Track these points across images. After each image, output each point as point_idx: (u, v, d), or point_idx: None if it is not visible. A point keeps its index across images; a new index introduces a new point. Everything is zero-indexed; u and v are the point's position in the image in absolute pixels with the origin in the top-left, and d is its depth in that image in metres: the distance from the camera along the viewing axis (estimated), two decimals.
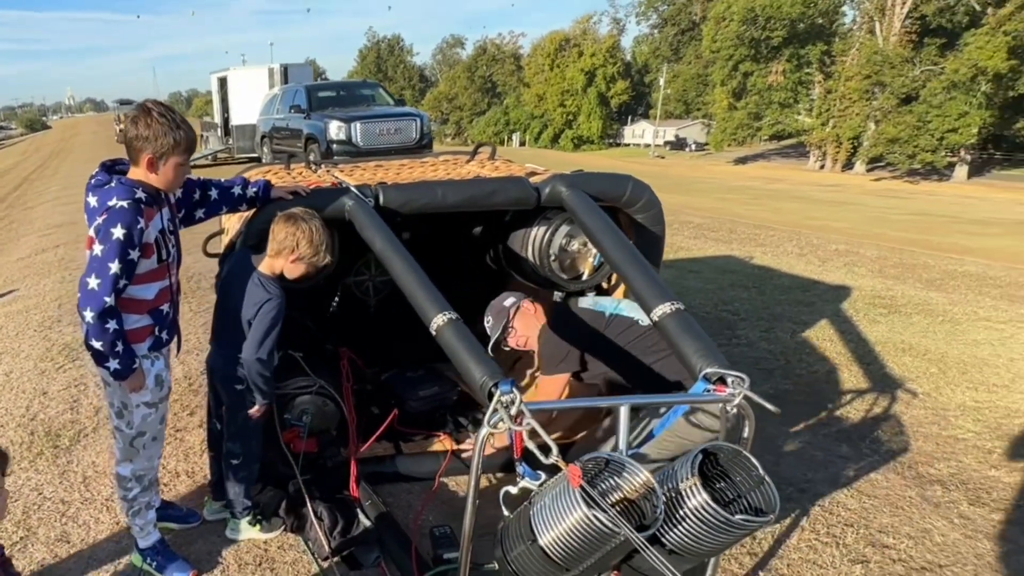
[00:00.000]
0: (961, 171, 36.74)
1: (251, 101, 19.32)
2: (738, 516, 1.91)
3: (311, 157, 8.42)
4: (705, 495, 1.92)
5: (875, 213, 17.52)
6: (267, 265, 2.78)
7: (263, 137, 16.59)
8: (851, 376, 4.85)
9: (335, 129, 12.58)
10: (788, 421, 4.13)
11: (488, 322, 3.21)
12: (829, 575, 2.85)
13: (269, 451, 3.07)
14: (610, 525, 1.82)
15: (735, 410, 2.11)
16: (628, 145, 69.84)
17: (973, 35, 34.23)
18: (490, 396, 2.04)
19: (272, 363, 2.82)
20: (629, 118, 74.62)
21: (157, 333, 2.60)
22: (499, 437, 2.93)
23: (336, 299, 3.96)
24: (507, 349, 3.31)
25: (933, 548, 3.02)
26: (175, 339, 2.78)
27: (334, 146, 12.54)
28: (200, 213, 2.94)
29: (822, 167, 43.86)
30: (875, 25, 41.66)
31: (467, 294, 3.39)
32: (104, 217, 2.32)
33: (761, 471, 2.00)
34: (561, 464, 1.91)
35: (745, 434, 2.14)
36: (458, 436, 3.65)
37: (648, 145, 65.21)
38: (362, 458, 3.31)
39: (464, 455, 3.43)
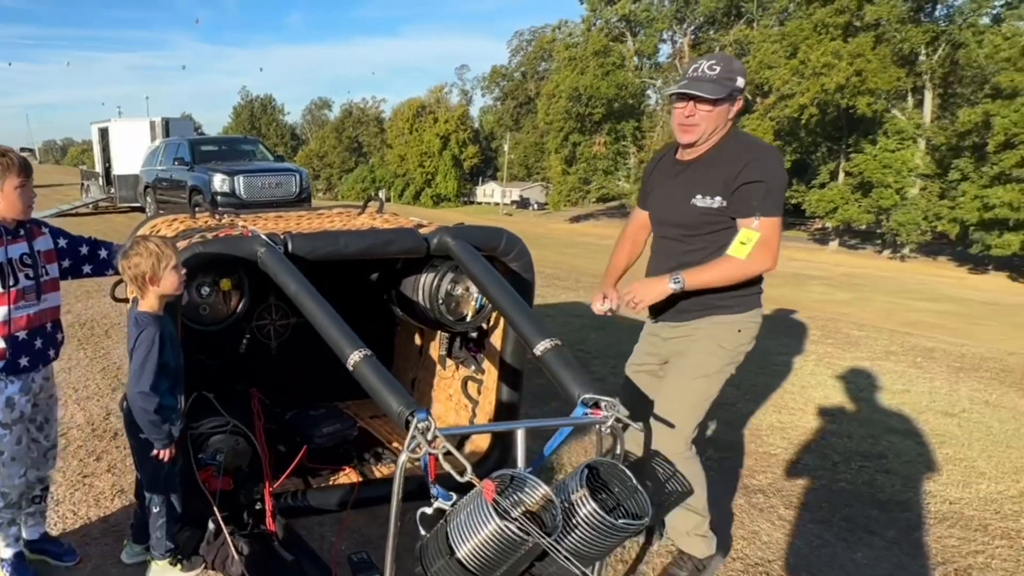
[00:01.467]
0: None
1: (133, 152, 18.23)
2: (620, 520, 2.00)
3: (202, 207, 8.13)
4: (593, 504, 1.99)
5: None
6: (145, 303, 2.59)
7: (147, 187, 15.68)
8: None
9: (219, 181, 12.07)
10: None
11: None
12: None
13: (184, 491, 2.89)
14: (520, 533, 1.86)
15: (609, 430, 2.20)
16: (480, 203, 70.75)
17: (747, 119, 37.21)
18: (407, 424, 2.02)
19: (155, 399, 2.57)
20: (480, 179, 75.80)
21: (11, 358, 2.52)
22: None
23: (244, 341, 3.80)
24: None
25: (762, 546, 3.22)
26: (40, 367, 2.68)
27: (218, 198, 12.04)
28: (88, 268, 2.88)
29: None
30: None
31: (367, 335, 3.37)
32: None
33: (635, 481, 2.10)
34: (475, 480, 1.94)
35: (618, 450, 2.22)
36: (362, 469, 3.55)
37: (498, 203, 66.34)
38: (275, 493, 3.17)
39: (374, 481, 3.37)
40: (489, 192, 72.90)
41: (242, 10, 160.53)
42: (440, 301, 3.38)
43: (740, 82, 2.58)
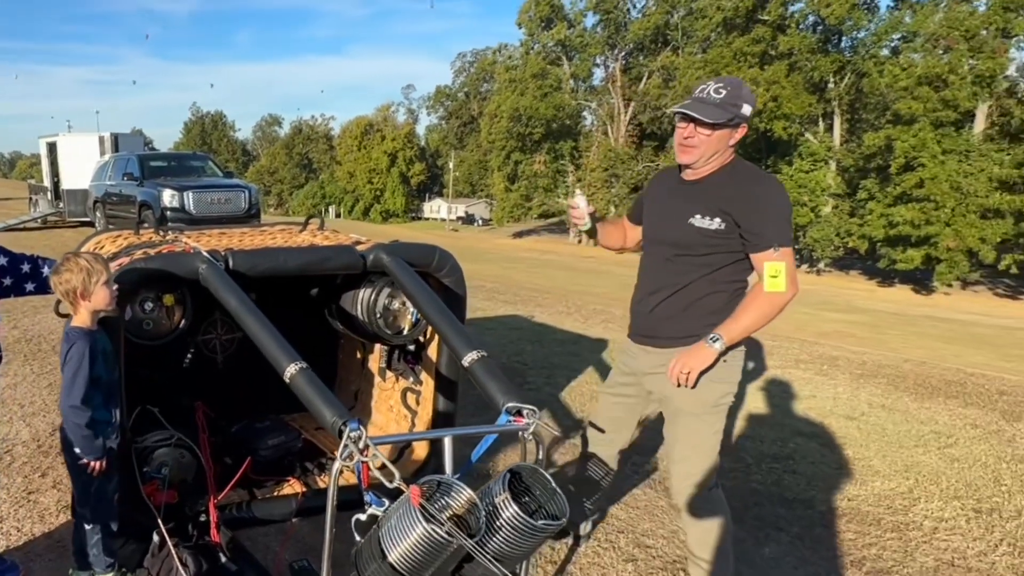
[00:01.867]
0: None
1: (82, 166, 17.57)
2: (540, 522, 2.07)
3: (148, 224, 7.96)
4: (515, 507, 2.05)
5: (622, 280, 18.79)
6: (77, 318, 2.53)
7: (96, 202, 15.19)
8: None
9: (168, 197, 11.75)
10: (570, 453, 4.34)
11: None
12: (610, 574, 3.05)
13: (128, 505, 2.82)
14: (446, 536, 1.92)
15: (531, 436, 2.26)
16: (427, 219, 70.59)
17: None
18: (340, 434, 2.05)
19: (87, 413, 2.51)
20: (427, 195, 75.71)
21: None
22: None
23: (189, 355, 3.76)
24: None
25: (679, 545, 3.29)
26: None
27: (168, 213, 11.75)
28: (31, 286, 2.85)
29: (580, 241, 46.42)
30: (608, 128, 45.31)
31: (311, 348, 3.37)
32: None
33: (553, 484, 2.17)
34: (403, 487, 1.99)
35: (540, 455, 2.28)
36: (306, 480, 3.52)
37: (444, 219, 66.26)
38: (221, 505, 3.12)
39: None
40: (436, 208, 72.92)
41: (192, 27, 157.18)
42: (378, 315, 3.40)
43: (746, 109, 2.45)
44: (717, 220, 2.45)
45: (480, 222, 65.84)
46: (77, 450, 2.54)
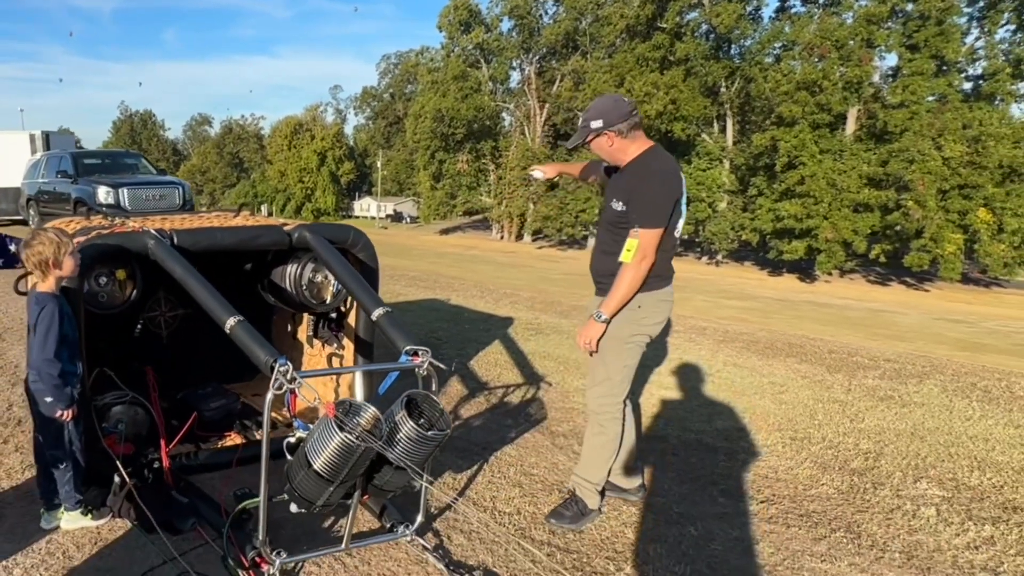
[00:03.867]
0: (592, 241, 40.10)
1: (11, 165, 16.96)
2: (430, 432, 2.58)
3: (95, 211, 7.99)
4: (411, 422, 2.51)
5: (540, 273, 19.58)
6: (44, 284, 2.77)
7: (29, 200, 14.73)
8: (513, 374, 5.76)
9: (103, 194, 11.57)
10: (475, 408, 4.85)
11: None
12: (500, 497, 3.49)
13: (90, 456, 3.07)
14: (356, 441, 2.41)
15: (425, 371, 2.72)
16: (358, 217, 69.61)
17: None
18: (272, 369, 2.41)
19: (58, 365, 2.73)
20: (356, 194, 74.68)
21: None
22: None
23: (139, 327, 4.07)
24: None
25: (558, 472, 3.79)
26: None
27: (104, 210, 11.62)
28: None
29: (502, 238, 46.83)
30: (525, 128, 45.76)
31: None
32: None
33: (441, 406, 2.67)
34: (322, 406, 2.46)
35: (433, 386, 2.73)
36: (245, 435, 3.80)
37: (374, 217, 65.61)
38: (171, 455, 3.39)
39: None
40: (365, 207, 72.09)
41: (117, 24, 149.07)
42: (304, 287, 3.74)
43: (594, 124, 2.96)
44: (622, 203, 3.01)
45: (408, 220, 65.57)
46: (48, 399, 2.79)
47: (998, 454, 4.32)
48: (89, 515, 3.02)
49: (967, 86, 29.74)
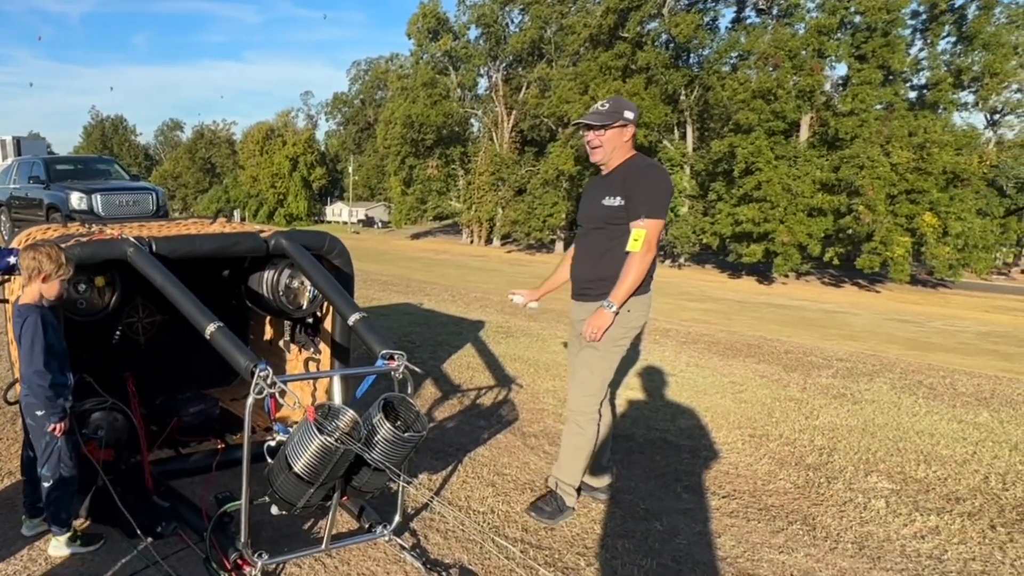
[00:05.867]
0: (559, 244, 40.36)
1: None
2: (407, 433, 2.60)
3: (74, 219, 7.80)
4: (388, 424, 2.53)
5: (509, 277, 19.62)
6: (27, 295, 2.67)
7: (0, 206, 14.35)
8: (485, 377, 5.79)
9: (76, 199, 11.24)
10: (449, 410, 4.87)
11: None
12: (474, 497, 3.53)
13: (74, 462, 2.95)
14: (336, 443, 2.43)
15: (401, 374, 2.74)
16: (330, 222, 68.96)
17: (553, 146, 38.67)
18: (252, 374, 2.41)
19: (48, 376, 2.64)
20: (328, 199, 74.00)
21: None
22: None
23: (118, 333, 4.02)
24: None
25: (530, 472, 3.84)
26: None
27: (76, 216, 11.35)
28: None
29: (472, 242, 46.80)
30: (493, 134, 45.84)
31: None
32: None
33: (417, 408, 2.69)
34: (301, 408, 2.47)
35: (409, 389, 2.75)
36: (224, 439, 3.77)
37: (346, 223, 65.04)
38: (152, 460, 3.35)
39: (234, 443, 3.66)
40: (337, 212, 71.50)
41: (85, 28, 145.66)
42: (281, 292, 3.72)
43: (628, 114, 3.00)
44: (618, 198, 2.98)
45: (380, 224, 65.18)
46: (40, 412, 2.69)
47: (943, 448, 4.49)
48: (78, 541, 2.88)
49: (912, 95, 30.68)
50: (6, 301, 3.20)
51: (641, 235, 2.92)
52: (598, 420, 3.23)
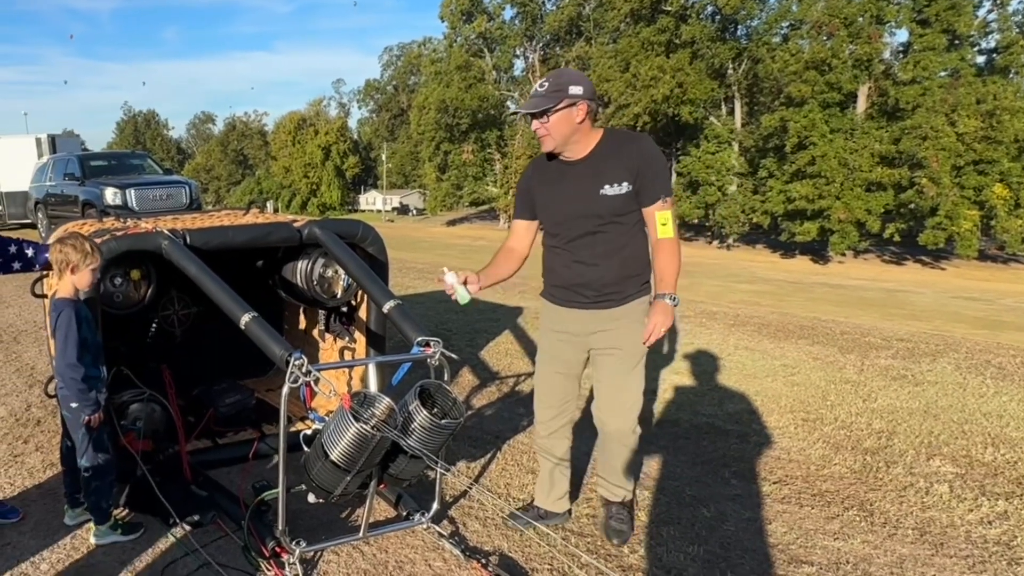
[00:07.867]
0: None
1: (19, 169, 17.14)
2: (444, 420, 2.64)
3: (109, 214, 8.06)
4: (425, 411, 2.57)
5: None
6: (61, 289, 2.75)
7: (37, 203, 14.88)
8: (524, 364, 5.79)
9: (111, 195, 11.65)
10: (487, 397, 4.93)
11: None
12: (514, 484, 3.57)
13: (114, 453, 3.06)
14: (372, 431, 2.48)
15: (437, 361, 2.78)
16: (364, 211, 69.75)
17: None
18: (287, 363, 2.46)
19: (81, 369, 2.69)
20: (362, 187, 74.83)
21: None
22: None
23: (154, 326, 4.16)
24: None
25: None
26: None
27: (111, 211, 11.72)
28: (17, 265, 3.08)
29: (509, 227, 46.66)
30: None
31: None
32: None
33: (455, 394, 2.74)
34: (337, 397, 2.52)
35: (445, 376, 2.78)
36: (261, 429, 3.86)
37: (380, 211, 65.67)
38: (189, 450, 3.45)
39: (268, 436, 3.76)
40: (371, 200, 72.19)
41: (116, 24, 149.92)
42: (315, 282, 3.81)
43: (574, 89, 2.59)
44: (625, 184, 2.64)
45: (415, 212, 65.59)
46: (74, 404, 2.78)
47: (1012, 430, 4.35)
48: (119, 530, 2.98)
49: (980, 60, 29.41)
50: (44, 296, 3.33)
51: (668, 217, 2.65)
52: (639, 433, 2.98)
